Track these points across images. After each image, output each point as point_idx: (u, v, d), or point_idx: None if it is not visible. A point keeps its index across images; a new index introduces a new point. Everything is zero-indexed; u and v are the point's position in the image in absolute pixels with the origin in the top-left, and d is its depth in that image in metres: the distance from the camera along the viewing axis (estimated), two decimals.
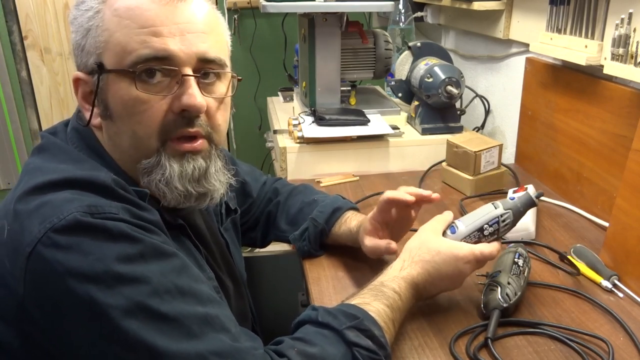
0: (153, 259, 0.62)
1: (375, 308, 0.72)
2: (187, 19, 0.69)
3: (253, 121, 2.70)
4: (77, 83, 0.72)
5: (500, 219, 0.81)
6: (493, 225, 0.81)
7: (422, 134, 1.47)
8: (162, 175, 0.69)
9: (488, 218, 0.82)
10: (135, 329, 0.57)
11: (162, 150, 0.70)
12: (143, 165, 0.70)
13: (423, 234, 0.83)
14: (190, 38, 0.68)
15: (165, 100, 0.68)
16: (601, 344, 0.76)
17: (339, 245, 1.01)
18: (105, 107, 0.70)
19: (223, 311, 0.65)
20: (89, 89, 0.71)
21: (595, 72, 1.11)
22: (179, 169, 0.70)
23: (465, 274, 0.80)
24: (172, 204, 0.72)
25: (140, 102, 0.68)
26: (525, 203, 0.82)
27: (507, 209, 0.81)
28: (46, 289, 0.58)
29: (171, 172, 0.69)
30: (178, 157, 0.70)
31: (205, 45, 0.70)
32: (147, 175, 0.70)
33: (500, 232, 0.82)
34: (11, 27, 2.35)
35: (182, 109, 0.68)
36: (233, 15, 2.59)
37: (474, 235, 0.82)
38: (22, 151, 2.51)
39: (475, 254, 0.79)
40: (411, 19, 1.90)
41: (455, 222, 0.84)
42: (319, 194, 1.08)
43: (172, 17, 0.67)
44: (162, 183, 0.70)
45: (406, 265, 0.80)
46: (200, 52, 0.69)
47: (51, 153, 0.71)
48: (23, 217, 0.61)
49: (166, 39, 0.67)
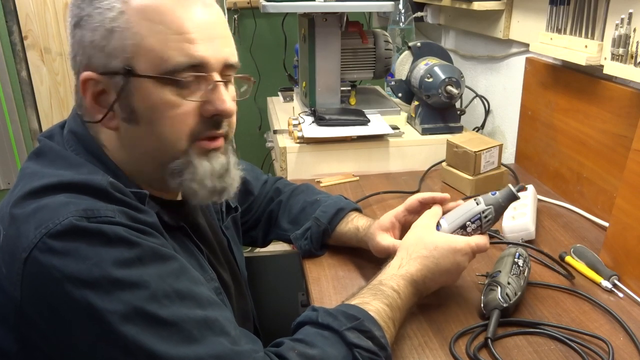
0: (151, 262, 0.61)
1: (374, 307, 0.72)
2: (212, 23, 0.70)
3: (253, 121, 2.70)
4: (87, 83, 0.69)
5: (482, 215, 0.83)
6: (475, 222, 0.83)
7: (422, 134, 1.47)
8: (193, 174, 0.71)
9: (470, 215, 0.83)
10: (134, 334, 0.57)
11: (189, 151, 0.71)
12: (173, 166, 0.71)
13: (418, 231, 0.83)
14: (217, 43, 0.70)
15: (196, 104, 0.69)
16: (601, 344, 0.76)
17: (340, 245, 1.01)
18: (131, 110, 0.69)
19: (223, 314, 0.65)
20: (99, 89, 0.69)
21: (595, 72, 1.11)
22: (210, 167, 0.72)
23: (463, 266, 0.81)
24: (203, 201, 0.74)
25: (172, 106, 0.68)
26: (507, 197, 0.83)
27: (488, 205, 0.83)
28: (43, 295, 0.58)
29: (203, 170, 0.72)
30: (205, 156, 0.72)
31: (228, 50, 0.72)
32: (179, 176, 0.71)
33: (484, 228, 0.84)
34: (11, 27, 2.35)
35: (215, 113, 0.70)
36: (233, 15, 2.59)
37: (458, 232, 0.84)
38: (22, 151, 2.51)
39: (471, 246, 0.81)
40: (411, 19, 1.90)
41: (439, 221, 0.85)
42: (321, 194, 1.08)
43: (200, 23, 0.68)
44: (195, 182, 0.71)
45: (404, 263, 0.80)
46: (226, 57, 0.71)
47: (49, 159, 0.70)
48: (19, 221, 0.61)
49: (199, 45, 0.68)
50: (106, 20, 0.67)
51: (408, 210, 0.92)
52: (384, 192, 1.25)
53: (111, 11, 0.67)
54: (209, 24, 0.69)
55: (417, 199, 0.92)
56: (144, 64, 0.67)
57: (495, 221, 0.84)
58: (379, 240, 0.90)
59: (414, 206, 0.92)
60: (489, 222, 0.83)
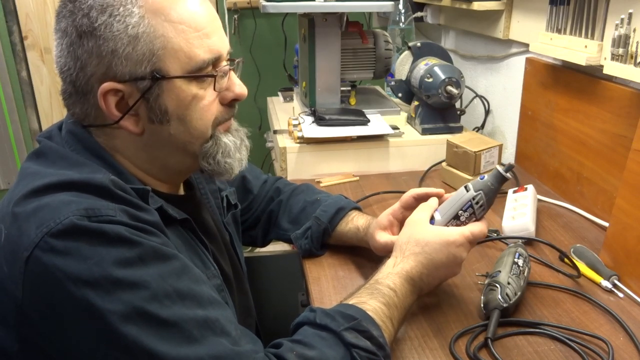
0: (152, 262, 0.61)
1: (372, 307, 0.72)
2: (214, 15, 0.73)
3: (253, 121, 2.70)
4: (108, 93, 0.67)
5: (473, 202, 0.82)
6: (467, 209, 0.82)
7: (422, 134, 1.47)
8: (223, 151, 0.76)
9: (461, 204, 0.82)
10: (134, 335, 0.57)
11: (215, 134, 0.75)
12: (204, 150, 0.75)
13: (410, 228, 0.83)
14: (221, 35, 0.73)
15: (215, 93, 0.73)
16: (601, 344, 0.76)
17: (341, 244, 1.01)
18: (160, 111, 0.69)
19: (224, 313, 0.65)
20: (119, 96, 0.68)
21: (595, 72, 1.11)
22: (234, 141, 0.78)
23: (460, 257, 0.80)
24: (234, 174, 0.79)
25: (198, 99, 0.71)
26: (496, 179, 0.81)
27: (477, 190, 0.82)
28: (45, 294, 0.58)
29: (232, 146, 0.77)
30: (226, 134, 0.77)
31: (226, 40, 0.74)
32: (213, 158, 0.75)
33: (478, 214, 0.82)
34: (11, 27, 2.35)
35: (234, 98, 0.76)
36: (233, 15, 2.59)
37: (452, 223, 0.83)
38: (22, 151, 2.51)
39: (466, 235, 0.80)
40: (411, 19, 1.90)
41: (433, 214, 0.85)
42: (321, 194, 1.08)
43: (207, 16, 0.71)
44: (227, 157, 0.76)
45: (399, 261, 0.80)
46: (228, 45, 0.75)
47: (50, 159, 0.69)
48: (21, 220, 0.61)
49: (214, 39, 0.71)
50: (128, 26, 0.65)
51: (404, 206, 0.92)
52: (384, 192, 1.25)
53: (131, 17, 0.65)
54: (212, 16, 0.72)
55: (411, 194, 0.92)
56: (172, 64, 0.68)
57: (488, 205, 0.82)
58: (377, 239, 0.91)
59: (409, 202, 0.92)
60: (482, 208, 0.82)
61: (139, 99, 0.68)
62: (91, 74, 0.67)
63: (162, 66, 0.67)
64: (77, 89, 0.69)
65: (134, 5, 0.66)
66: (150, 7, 0.66)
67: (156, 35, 0.66)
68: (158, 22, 0.66)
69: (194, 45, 0.68)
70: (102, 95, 0.67)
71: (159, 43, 0.66)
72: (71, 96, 0.71)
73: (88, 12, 0.65)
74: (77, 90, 0.69)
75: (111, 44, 0.65)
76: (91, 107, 0.70)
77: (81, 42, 0.66)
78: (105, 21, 0.65)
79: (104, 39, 0.65)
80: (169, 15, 0.67)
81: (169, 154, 0.74)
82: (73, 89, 0.70)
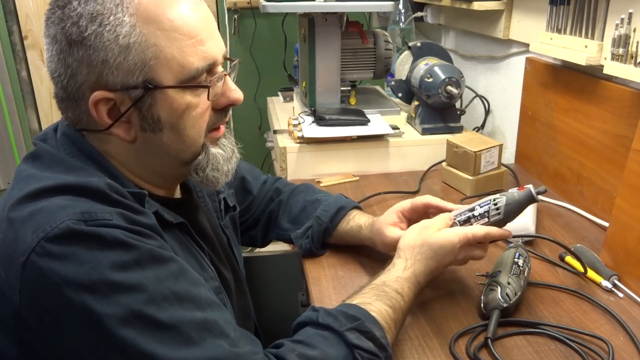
0: (149, 265, 0.61)
1: (377, 308, 0.72)
2: (208, 20, 0.70)
3: (253, 121, 2.70)
4: (100, 102, 0.66)
5: (491, 202, 0.83)
6: (484, 206, 0.84)
7: (422, 134, 1.47)
8: (214, 164, 0.75)
9: (482, 201, 0.85)
10: (132, 338, 0.57)
11: (205, 143, 0.74)
12: (197, 163, 0.74)
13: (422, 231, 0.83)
14: (217, 39, 0.71)
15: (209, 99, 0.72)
16: (601, 344, 0.76)
17: (341, 244, 1.01)
18: (153, 120, 0.68)
19: (222, 315, 0.65)
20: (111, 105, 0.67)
21: (595, 72, 1.11)
22: (223, 153, 0.76)
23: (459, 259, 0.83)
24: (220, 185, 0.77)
25: (192, 108, 0.70)
26: (525, 196, 0.83)
27: (502, 195, 0.83)
28: (42, 299, 0.58)
29: (220, 159, 0.76)
30: (216, 144, 0.76)
31: (222, 43, 0.73)
32: (202, 170, 0.74)
33: (491, 217, 0.83)
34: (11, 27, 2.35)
35: (230, 104, 0.74)
36: (233, 15, 2.59)
37: (464, 213, 0.85)
38: (22, 151, 2.51)
39: (468, 237, 0.81)
40: (411, 19, 1.90)
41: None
42: (321, 193, 1.08)
43: (201, 21, 0.68)
44: (217, 171, 0.75)
45: (409, 265, 0.80)
46: (223, 49, 0.73)
47: (45, 162, 0.69)
48: (17, 224, 0.60)
49: (208, 45, 0.69)
50: (119, 36, 0.63)
51: (414, 209, 0.93)
52: (384, 193, 1.25)
53: (122, 27, 0.63)
54: (207, 21, 0.70)
55: (423, 202, 0.92)
56: (165, 74, 0.66)
57: (506, 217, 0.83)
58: (388, 234, 0.90)
59: (420, 208, 0.92)
60: (498, 213, 0.83)
61: (130, 107, 0.67)
62: (82, 82, 0.66)
63: (154, 76, 0.66)
64: (69, 94, 0.68)
65: (124, 13, 0.63)
66: (142, 15, 0.64)
67: (148, 44, 0.64)
68: (150, 31, 0.64)
69: (187, 54, 0.66)
70: (93, 104, 0.66)
71: (151, 53, 0.65)
72: (63, 101, 0.70)
73: (77, 20, 0.64)
74: (69, 96, 0.68)
75: (102, 54, 0.64)
76: (83, 113, 0.69)
77: (71, 50, 0.65)
78: (95, 30, 0.63)
79: (94, 48, 0.64)
80: (161, 23, 0.65)
81: (161, 161, 0.73)
82: (65, 94, 0.69)
